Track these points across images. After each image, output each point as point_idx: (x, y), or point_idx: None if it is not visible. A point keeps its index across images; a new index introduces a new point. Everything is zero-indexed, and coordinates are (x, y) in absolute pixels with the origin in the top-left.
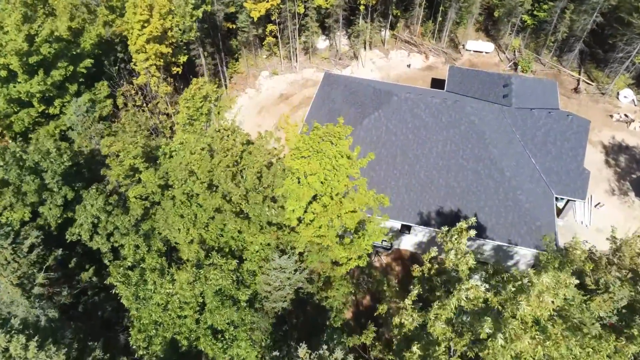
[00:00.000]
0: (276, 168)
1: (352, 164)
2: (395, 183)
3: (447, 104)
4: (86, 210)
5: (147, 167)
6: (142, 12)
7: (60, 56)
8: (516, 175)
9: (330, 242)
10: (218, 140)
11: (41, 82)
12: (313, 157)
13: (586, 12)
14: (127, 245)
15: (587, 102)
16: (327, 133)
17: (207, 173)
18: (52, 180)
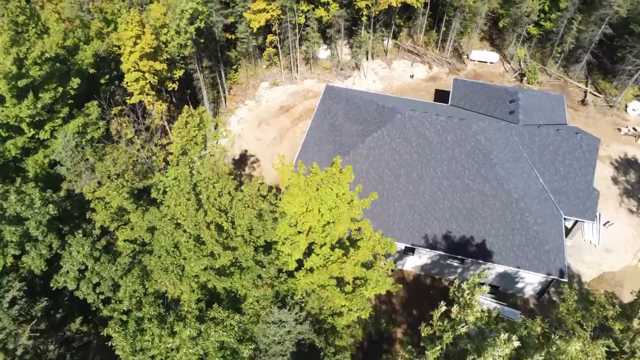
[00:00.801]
0: (269, 218)
1: (354, 207)
2: (398, 203)
3: (453, 122)
4: (72, 257)
5: (137, 207)
6: (134, 28)
7: (50, 77)
8: (524, 196)
9: (330, 294)
10: (204, 189)
11: (31, 105)
12: (311, 203)
13: (594, 23)
14: (124, 287)
15: (595, 115)
16: (325, 179)
17: (193, 227)
18: (37, 230)
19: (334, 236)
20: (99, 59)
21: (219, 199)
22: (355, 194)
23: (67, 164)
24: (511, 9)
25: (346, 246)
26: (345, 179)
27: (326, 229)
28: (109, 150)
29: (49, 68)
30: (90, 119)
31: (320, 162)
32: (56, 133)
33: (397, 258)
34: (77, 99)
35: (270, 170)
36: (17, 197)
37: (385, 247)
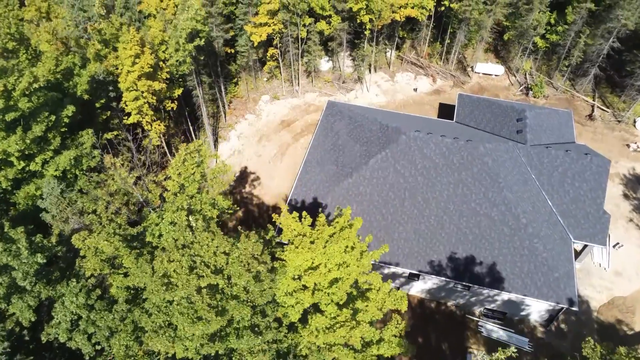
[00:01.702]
0: (266, 278)
1: (363, 261)
2: (403, 228)
3: (459, 144)
4: (65, 308)
5: (130, 250)
6: (133, 47)
7: (42, 105)
8: (532, 221)
9: (337, 355)
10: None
11: (19, 141)
12: (317, 259)
13: (602, 37)
14: (117, 346)
15: (602, 130)
16: (335, 237)
17: (186, 287)
18: (24, 281)
19: (342, 296)
20: (95, 83)
21: (214, 257)
22: (365, 246)
23: (52, 211)
24: (517, 22)
25: (354, 296)
26: (355, 232)
27: (333, 288)
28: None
29: (39, 98)
30: (84, 147)
31: (322, 184)
32: (47, 166)
33: (402, 283)
34: (71, 123)
35: (271, 188)
36: (3, 246)
37: (396, 302)
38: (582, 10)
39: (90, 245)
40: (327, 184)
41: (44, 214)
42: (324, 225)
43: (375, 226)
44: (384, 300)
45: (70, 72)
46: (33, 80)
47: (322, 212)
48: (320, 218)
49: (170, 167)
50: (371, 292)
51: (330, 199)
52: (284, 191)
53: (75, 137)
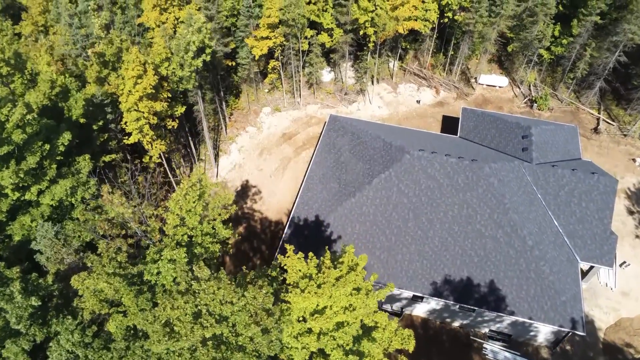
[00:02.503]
0: (274, 329)
1: (369, 301)
2: (407, 249)
3: (464, 164)
4: (60, 346)
5: (130, 288)
6: (135, 67)
7: (36, 135)
8: (538, 243)
9: None
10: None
11: (12, 175)
12: (323, 302)
13: (608, 50)
14: None
15: (608, 144)
16: (341, 281)
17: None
18: (18, 324)
19: (348, 340)
20: (93, 106)
21: (219, 306)
22: (370, 285)
23: (47, 253)
24: (522, 33)
25: (359, 335)
26: (361, 273)
27: (339, 332)
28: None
29: (33, 128)
30: (80, 176)
31: (324, 202)
32: (42, 196)
33: (406, 304)
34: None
35: (272, 203)
36: None
37: (403, 341)
38: (587, 23)
39: (90, 286)
40: (330, 203)
41: (38, 256)
42: (330, 268)
43: (378, 247)
44: (390, 339)
45: (66, 94)
46: (26, 112)
47: (325, 231)
48: (326, 260)
49: (171, 200)
50: (377, 331)
51: (333, 218)
52: (286, 206)
53: (72, 162)
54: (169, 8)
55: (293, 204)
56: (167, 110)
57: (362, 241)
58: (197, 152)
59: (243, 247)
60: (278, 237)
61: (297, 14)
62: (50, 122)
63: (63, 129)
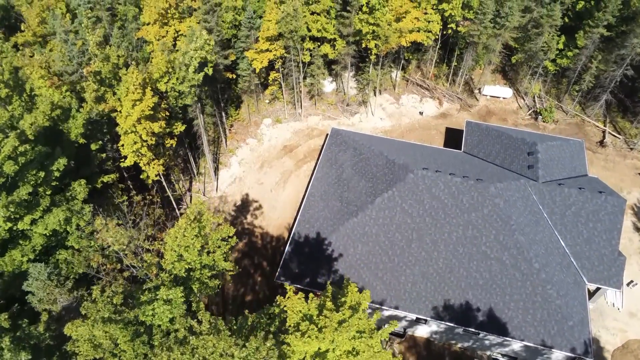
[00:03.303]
0: None
1: (372, 340)
2: (410, 271)
3: (469, 184)
4: None
5: (127, 331)
6: (135, 90)
7: (29, 163)
8: (545, 265)
9: None
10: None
11: (3, 208)
12: (324, 346)
13: (615, 63)
14: None
15: (614, 158)
16: (345, 326)
17: None
18: None
19: None
20: (91, 124)
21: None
22: (374, 323)
23: (39, 295)
24: (526, 44)
25: None
26: (365, 314)
27: None
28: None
29: (27, 156)
30: (75, 203)
31: (325, 221)
32: (35, 226)
33: (409, 325)
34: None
35: (273, 219)
36: None
37: None
38: (594, 35)
39: (84, 333)
40: (332, 222)
41: (29, 297)
42: (332, 311)
43: (381, 268)
44: None
45: (66, 114)
46: (19, 144)
47: (326, 250)
48: (327, 302)
49: (169, 236)
50: None
51: (335, 238)
52: (287, 221)
53: (68, 186)
54: (169, 21)
55: (294, 220)
56: (166, 128)
57: (364, 262)
58: (197, 165)
59: (244, 263)
60: (279, 253)
61: (294, 26)
62: (45, 149)
63: (58, 153)
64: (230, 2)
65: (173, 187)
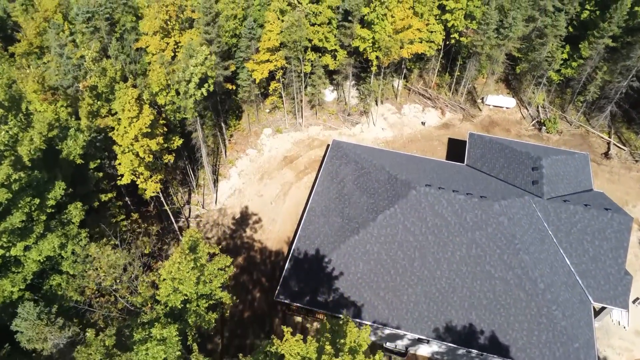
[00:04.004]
0: None
1: None
2: (412, 290)
3: (473, 202)
4: None
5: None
6: (132, 108)
7: (25, 189)
8: (550, 285)
9: None
10: None
11: None
12: None
13: (621, 74)
14: None
15: (619, 170)
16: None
17: None
18: None
19: None
20: (89, 143)
21: None
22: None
23: (28, 334)
24: (530, 54)
25: None
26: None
27: None
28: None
29: (22, 182)
30: (70, 227)
31: (326, 237)
32: (29, 253)
33: (410, 344)
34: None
35: (273, 232)
36: None
37: None
38: (599, 45)
39: None
40: (332, 239)
41: (19, 336)
42: (332, 356)
43: (383, 287)
44: None
45: (65, 132)
46: (13, 172)
47: (327, 268)
48: (327, 347)
49: (163, 269)
50: None
51: (336, 255)
52: (287, 235)
53: (63, 209)
54: (171, 33)
55: (294, 235)
56: (164, 144)
57: (365, 280)
58: (196, 177)
59: (242, 279)
60: (279, 268)
61: (298, 36)
62: (41, 175)
63: (57, 177)
64: (230, 11)
65: (171, 199)
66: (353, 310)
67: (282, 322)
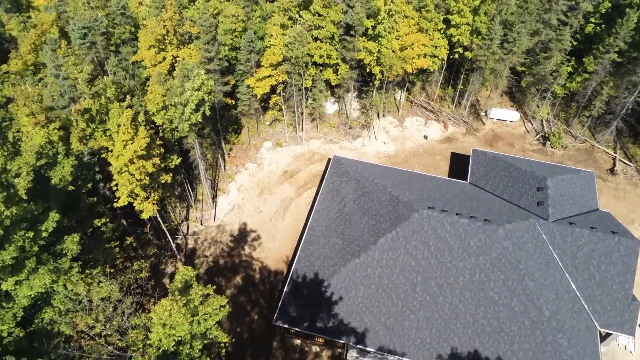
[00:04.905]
0: None
1: None
2: (414, 316)
3: (476, 225)
4: None
5: None
6: (127, 130)
7: (17, 223)
8: (556, 312)
9: None
10: None
11: None
12: None
13: (627, 90)
14: None
15: (625, 187)
16: None
17: None
18: None
19: None
20: (80, 166)
21: None
22: None
23: None
24: (534, 68)
25: None
26: None
27: None
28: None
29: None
30: (63, 261)
31: (326, 260)
32: (19, 288)
33: None
34: None
35: (272, 250)
36: None
37: None
38: (604, 60)
39: None
40: (333, 261)
41: None
42: None
43: (384, 312)
44: None
45: (54, 159)
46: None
47: (326, 292)
48: None
49: (154, 314)
50: None
51: (336, 279)
52: (286, 253)
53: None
54: (166, 48)
55: (293, 254)
56: (161, 164)
57: (366, 305)
58: (194, 192)
59: (240, 300)
60: (277, 289)
61: (301, 51)
62: (32, 207)
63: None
64: (229, 25)
65: (169, 216)
66: (353, 336)
67: (281, 345)
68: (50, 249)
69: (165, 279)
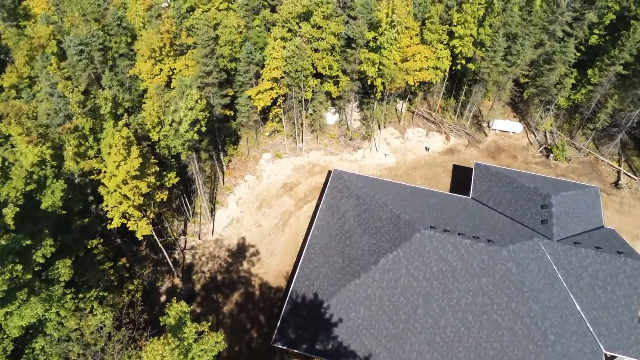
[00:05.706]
0: None
1: None
2: (416, 339)
3: (479, 247)
4: None
5: None
6: (118, 152)
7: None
8: (560, 336)
9: None
10: None
11: None
12: None
13: (632, 103)
14: None
15: (630, 201)
16: None
17: None
18: None
19: None
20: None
21: None
22: None
23: None
24: (538, 80)
25: None
26: None
27: None
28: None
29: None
30: (56, 289)
31: (326, 279)
32: (10, 319)
33: None
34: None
35: (271, 265)
36: None
37: None
38: (609, 72)
39: None
40: (332, 281)
41: None
42: None
43: (384, 334)
44: None
45: (44, 183)
46: None
47: (326, 313)
48: None
49: (145, 354)
50: None
51: (336, 300)
52: (285, 269)
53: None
54: (163, 59)
55: (293, 270)
56: (156, 182)
57: (366, 327)
58: (192, 205)
59: (239, 317)
60: (277, 306)
61: (300, 65)
62: (22, 238)
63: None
64: (228, 36)
65: (166, 231)
66: (353, 359)
67: None
68: (42, 274)
69: (162, 296)
